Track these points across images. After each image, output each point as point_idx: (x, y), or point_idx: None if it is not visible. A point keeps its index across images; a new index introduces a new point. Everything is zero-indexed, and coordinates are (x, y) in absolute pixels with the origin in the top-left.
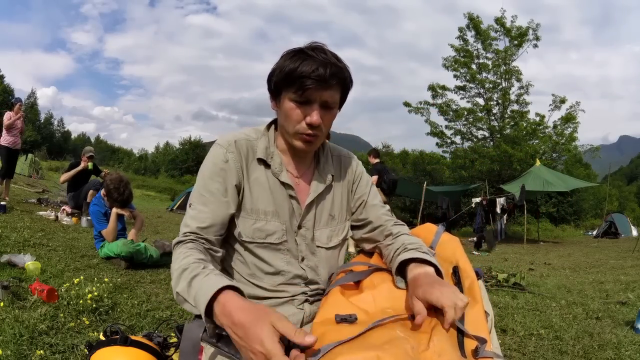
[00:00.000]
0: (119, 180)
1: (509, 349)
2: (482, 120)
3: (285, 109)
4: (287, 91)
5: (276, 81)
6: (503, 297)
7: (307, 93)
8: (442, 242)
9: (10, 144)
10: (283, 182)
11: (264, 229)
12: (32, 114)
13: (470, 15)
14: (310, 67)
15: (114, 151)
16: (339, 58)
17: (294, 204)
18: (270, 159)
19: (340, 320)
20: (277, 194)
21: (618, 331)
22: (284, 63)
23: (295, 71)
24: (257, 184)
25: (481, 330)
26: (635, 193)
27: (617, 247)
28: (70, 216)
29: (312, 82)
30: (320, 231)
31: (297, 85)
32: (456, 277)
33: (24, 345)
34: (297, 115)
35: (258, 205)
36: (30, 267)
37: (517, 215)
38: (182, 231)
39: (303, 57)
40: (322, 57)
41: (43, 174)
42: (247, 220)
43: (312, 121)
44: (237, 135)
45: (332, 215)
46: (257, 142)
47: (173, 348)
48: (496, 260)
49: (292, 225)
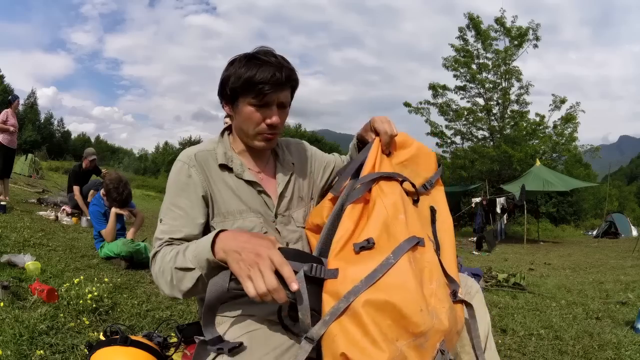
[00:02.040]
0: (118, 180)
1: (509, 349)
2: (482, 120)
3: (245, 113)
4: (245, 96)
5: (233, 88)
6: (503, 297)
7: (266, 97)
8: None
9: (7, 142)
10: (248, 181)
11: (244, 226)
12: (32, 114)
13: (471, 15)
14: (267, 73)
15: (114, 151)
16: (287, 60)
17: (265, 198)
18: (230, 162)
19: (359, 249)
20: (245, 193)
21: (618, 331)
22: (239, 70)
23: (254, 78)
24: (225, 189)
25: (454, 274)
26: (635, 193)
27: (617, 247)
28: (70, 216)
29: (270, 87)
30: (296, 212)
31: (255, 91)
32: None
33: (24, 345)
34: (257, 117)
35: (232, 207)
36: (30, 267)
37: (517, 215)
38: (156, 244)
39: (258, 63)
40: (275, 61)
41: (43, 174)
42: (226, 223)
43: (273, 122)
44: (197, 148)
45: (300, 197)
46: (215, 151)
47: (173, 348)
48: (496, 260)
49: (269, 217)
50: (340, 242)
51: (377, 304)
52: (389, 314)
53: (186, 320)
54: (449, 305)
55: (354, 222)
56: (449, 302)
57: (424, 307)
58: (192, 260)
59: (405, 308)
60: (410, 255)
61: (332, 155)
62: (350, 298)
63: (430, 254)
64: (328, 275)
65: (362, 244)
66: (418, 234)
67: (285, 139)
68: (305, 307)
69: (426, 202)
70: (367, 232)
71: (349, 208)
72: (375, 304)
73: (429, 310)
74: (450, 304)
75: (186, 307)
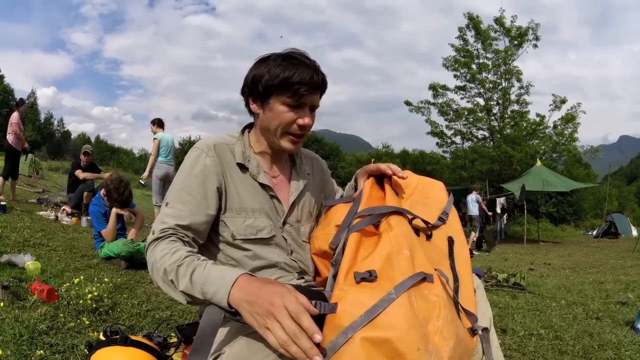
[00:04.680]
0: (119, 180)
1: (509, 349)
2: (482, 120)
3: (278, 112)
4: (279, 95)
5: (268, 85)
6: (503, 297)
7: (302, 98)
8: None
9: (15, 144)
10: (261, 184)
11: (254, 225)
12: (32, 114)
13: (470, 15)
14: (306, 74)
15: (114, 151)
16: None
17: (275, 203)
18: (247, 162)
19: (360, 279)
20: (258, 194)
21: (618, 331)
22: (276, 69)
23: (292, 78)
24: (241, 185)
25: (471, 306)
26: (635, 193)
27: (617, 247)
28: (70, 216)
29: (307, 88)
30: (304, 226)
31: (292, 91)
32: (450, 248)
33: (24, 345)
34: (290, 117)
35: (245, 204)
36: (30, 267)
37: (517, 215)
38: (158, 228)
39: (295, 63)
40: (310, 64)
41: (43, 174)
42: (237, 219)
43: (305, 123)
44: (216, 139)
45: (310, 212)
46: (234, 147)
47: (173, 348)
48: (496, 260)
49: (277, 222)
50: (343, 272)
51: (375, 341)
52: (386, 351)
53: (186, 320)
54: (454, 342)
55: (356, 250)
56: (454, 339)
57: (422, 345)
58: (197, 291)
59: (401, 347)
60: (412, 292)
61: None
62: (349, 334)
63: (440, 290)
64: (328, 310)
65: (363, 274)
66: (426, 269)
67: (306, 151)
68: None
69: (443, 233)
70: (370, 264)
71: (356, 236)
72: (373, 341)
73: (427, 349)
74: (457, 339)
75: (186, 307)
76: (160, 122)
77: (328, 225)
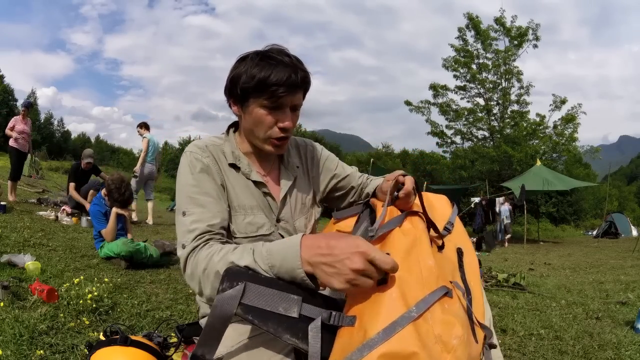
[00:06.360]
0: (120, 180)
1: (509, 349)
2: (482, 120)
3: (257, 116)
4: (257, 97)
5: (244, 88)
6: (503, 297)
7: (280, 100)
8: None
9: (20, 146)
10: (255, 181)
11: (254, 222)
12: (32, 114)
13: (470, 15)
14: (282, 74)
15: (114, 151)
16: (300, 60)
17: (269, 200)
18: (238, 161)
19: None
20: (253, 192)
21: (618, 331)
22: (252, 70)
23: (268, 79)
24: (237, 182)
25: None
26: (635, 193)
27: (617, 247)
28: (70, 216)
29: (285, 89)
30: (299, 220)
31: (269, 93)
32: (459, 260)
33: (24, 345)
34: (269, 121)
35: (243, 201)
36: (30, 267)
37: (517, 215)
38: (189, 238)
39: (272, 63)
40: (289, 62)
41: (43, 174)
42: (237, 216)
43: (286, 125)
44: (206, 141)
45: (303, 204)
46: (223, 147)
47: (173, 348)
48: (496, 260)
49: (272, 219)
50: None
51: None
52: None
53: (186, 320)
54: None
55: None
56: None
57: None
58: (265, 264)
59: None
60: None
61: (351, 167)
62: (365, 351)
63: (457, 305)
64: (346, 322)
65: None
66: (446, 282)
67: (295, 139)
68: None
69: (452, 244)
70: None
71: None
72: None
73: None
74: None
75: (186, 307)
76: (147, 125)
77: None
